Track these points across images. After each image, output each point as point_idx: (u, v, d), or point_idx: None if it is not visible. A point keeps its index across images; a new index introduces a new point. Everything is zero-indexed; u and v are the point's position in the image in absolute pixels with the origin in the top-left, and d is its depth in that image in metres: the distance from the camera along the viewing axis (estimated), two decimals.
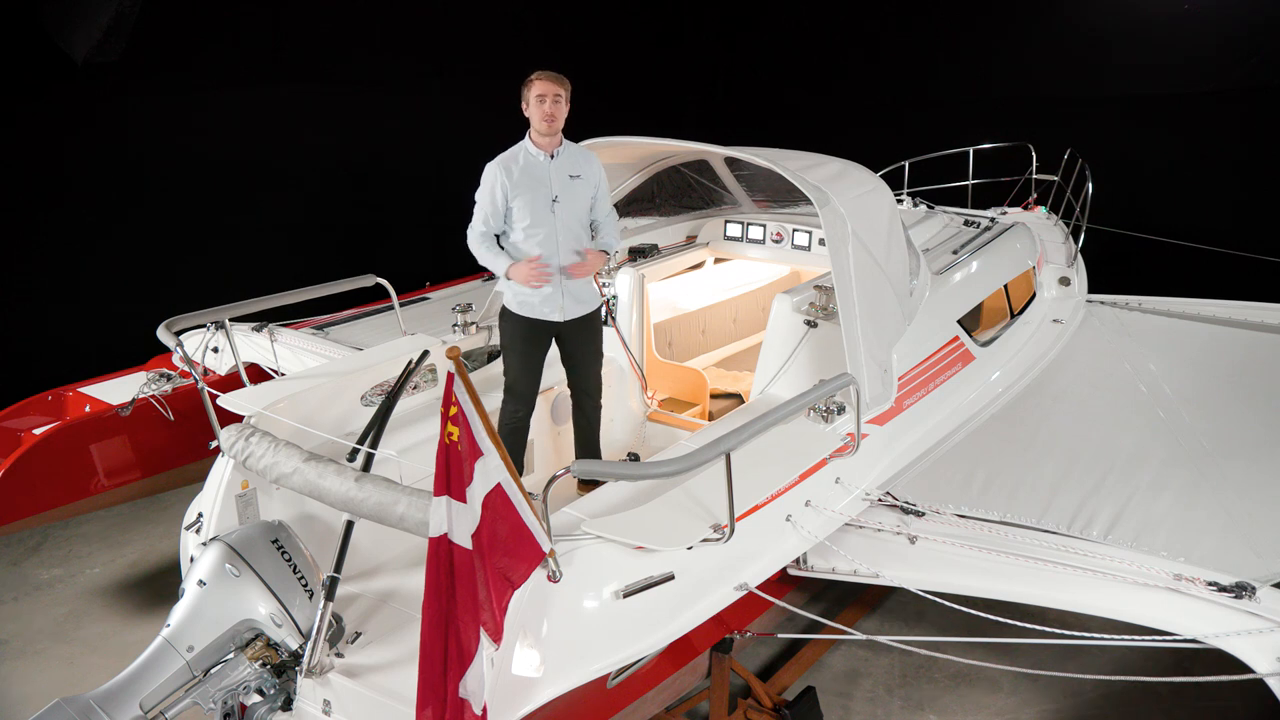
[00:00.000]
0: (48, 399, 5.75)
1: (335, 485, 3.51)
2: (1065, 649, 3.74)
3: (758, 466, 3.85)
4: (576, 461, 3.06)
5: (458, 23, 10.36)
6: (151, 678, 3.10)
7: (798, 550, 3.98)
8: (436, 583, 2.72)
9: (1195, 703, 4.64)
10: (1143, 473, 4.74)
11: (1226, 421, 5.38)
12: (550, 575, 3.06)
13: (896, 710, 4.67)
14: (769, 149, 5.07)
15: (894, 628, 5.19)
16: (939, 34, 11.58)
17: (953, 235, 6.68)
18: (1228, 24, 9.81)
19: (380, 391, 4.61)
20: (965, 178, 8.33)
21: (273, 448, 3.77)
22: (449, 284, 7.41)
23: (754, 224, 6.37)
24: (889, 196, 5.12)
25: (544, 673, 3.08)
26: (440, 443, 2.67)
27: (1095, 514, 4.31)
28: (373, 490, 3.42)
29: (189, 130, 8.47)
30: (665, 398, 5.86)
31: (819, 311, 4.84)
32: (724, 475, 3.36)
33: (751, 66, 13.24)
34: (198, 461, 5.25)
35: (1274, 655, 3.21)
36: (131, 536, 6.31)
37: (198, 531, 3.93)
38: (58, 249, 7.78)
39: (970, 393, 5.51)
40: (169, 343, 4.20)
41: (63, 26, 7.25)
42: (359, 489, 3.44)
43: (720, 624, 3.92)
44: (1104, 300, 7.20)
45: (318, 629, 3.23)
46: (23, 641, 5.25)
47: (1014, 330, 6.26)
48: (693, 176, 6.30)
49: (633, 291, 5.69)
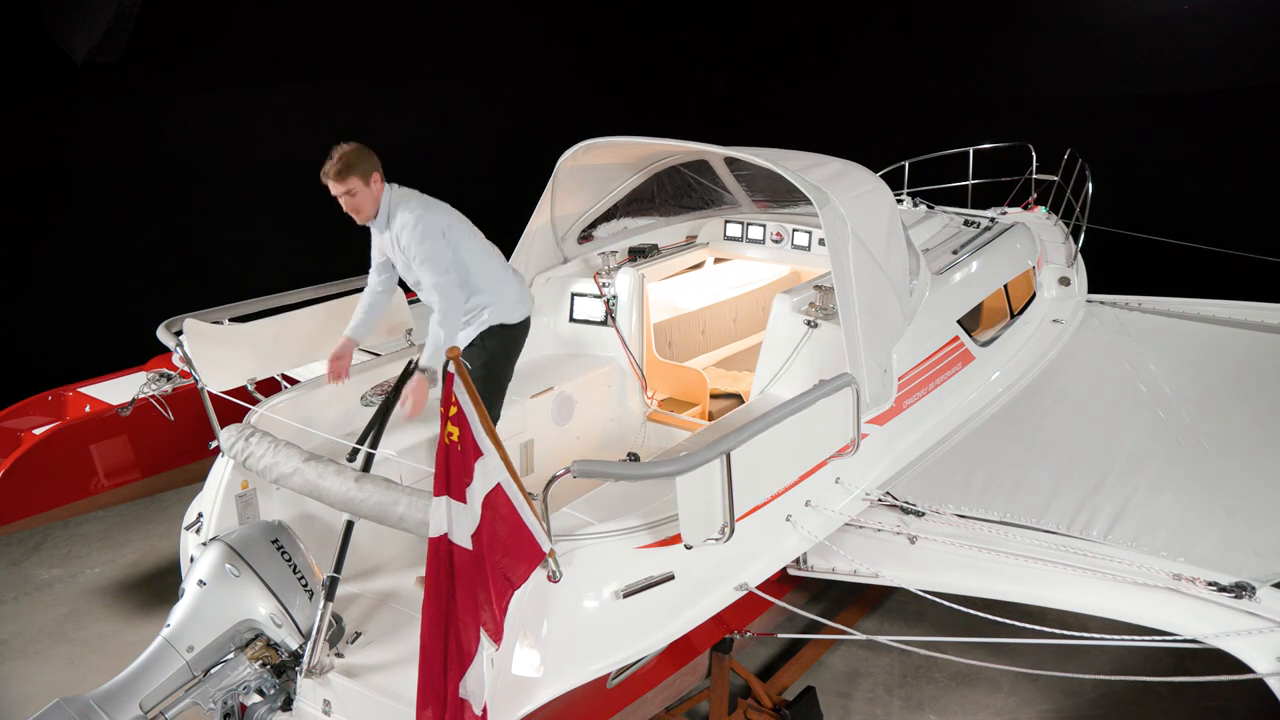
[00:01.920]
0: (48, 399, 5.75)
1: (335, 486, 3.51)
2: (1065, 649, 3.74)
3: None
4: (577, 461, 3.05)
5: (458, 23, 10.36)
6: (151, 678, 3.10)
7: (798, 550, 3.98)
8: (436, 583, 2.72)
9: (1195, 703, 4.64)
10: (1142, 473, 4.74)
11: (1226, 421, 5.38)
12: (550, 575, 3.06)
13: (896, 710, 4.67)
14: (769, 149, 5.06)
15: (894, 628, 5.19)
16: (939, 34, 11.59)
17: (953, 235, 6.68)
18: (1228, 24, 9.81)
19: (380, 391, 4.62)
20: (965, 178, 8.33)
21: (272, 448, 3.77)
22: None
23: (754, 224, 6.37)
24: (889, 196, 5.11)
25: (544, 673, 3.08)
26: (440, 443, 2.67)
27: (1095, 514, 4.30)
28: (372, 490, 3.42)
29: (189, 130, 8.48)
30: (665, 398, 5.86)
31: (819, 311, 4.84)
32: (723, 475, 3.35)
33: (751, 66, 13.25)
34: (198, 461, 5.25)
35: (1274, 655, 3.21)
36: (131, 536, 6.31)
37: (198, 531, 3.93)
38: (58, 249, 7.78)
39: (970, 393, 5.51)
40: (169, 343, 4.20)
41: (63, 26, 7.26)
42: (359, 489, 3.44)
43: (720, 624, 3.92)
44: (1104, 300, 7.20)
45: (318, 629, 3.24)
46: (23, 641, 5.25)
47: (1014, 330, 6.25)
48: (693, 177, 6.29)
49: (633, 291, 5.69)
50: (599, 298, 5.69)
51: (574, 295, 5.74)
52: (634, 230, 6.27)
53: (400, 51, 10.01)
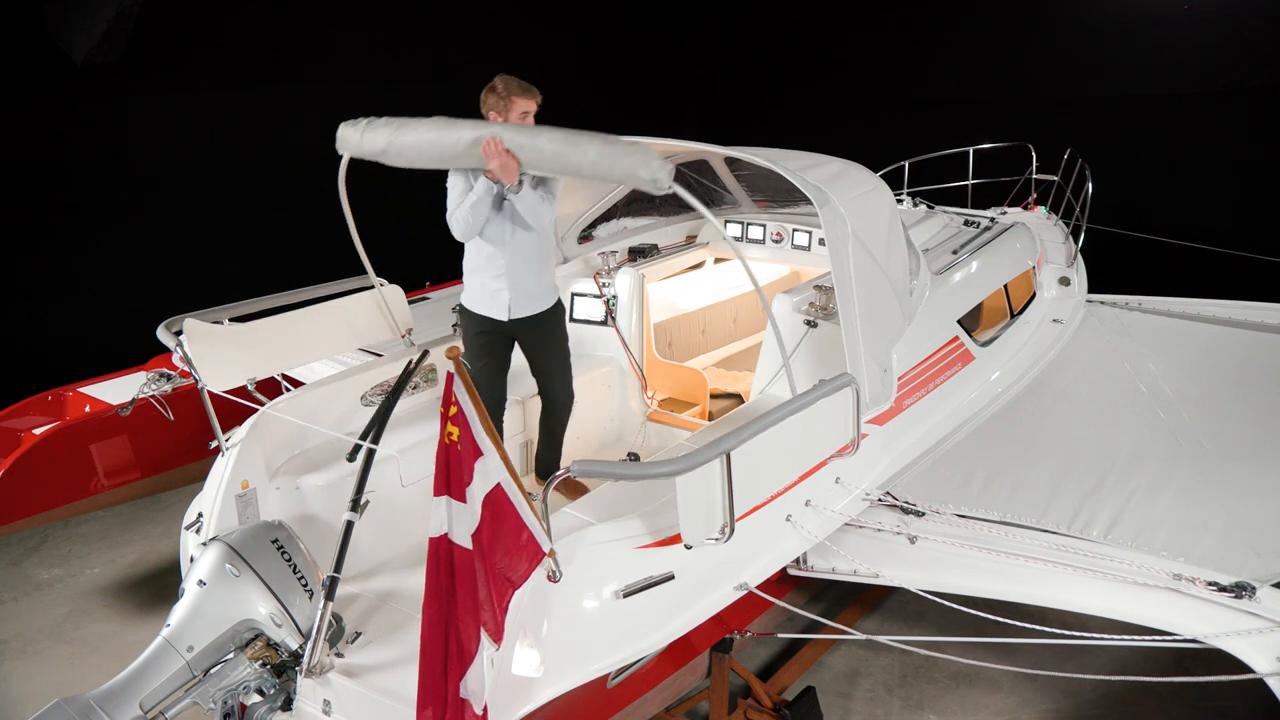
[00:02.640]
0: (48, 399, 5.75)
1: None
2: (1065, 649, 3.74)
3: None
4: (577, 461, 3.05)
5: (458, 22, 10.36)
6: (151, 678, 3.10)
7: (798, 550, 3.98)
8: (436, 583, 2.71)
9: (1195, 703, 4.64)
10: (1142, 473, 4.73)
11: (1226, 421, 5.37)
12: (550, 575, 3.06)
13: (896, 710, 4.67)
14: (769, 149, 5.06)
15: (894, 628, 5.19)
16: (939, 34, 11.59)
17: (953, 235, 6.68)
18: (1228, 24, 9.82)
19: (380, 391, 4.62)
20: (965, 178, 8.33)
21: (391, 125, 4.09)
22: (449, 284, 7.41)
23: (754, 224, 6.37)
24: (889, 196, 5.11)
25: (544, 673, 3.08)
26: (440, 443, 2.67)
27: (1095, 514, 4.30)
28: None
29: (189, 130, 8.47)
30: (665, 398, 5.86)
31: (819, 311, 4.84)
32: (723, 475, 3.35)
33: (751, 66, 13.25)
34: (198, 461, 5.25)
35: (1274, 655, 3.21)
36: (131, 536, 6.31)
37: (198, 531, 3.93)
38: (58, 249, 7.78)
39: (970, 393, 5.51)
40: (169, 343, 4.20)
41: (63, 26, 7.26)
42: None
43: (720, 624, 3.92)
44: (1104, 300, 7.20)
45: (318, 629, 3.23)
46: (23, 641, 5.25)
47: (1014, 330, 6.25)
48: (693, 176, 6.29)
49: (633, 291, 5.69)
50: (599, 298, 5.69)
51: (574, 295, 5.74)
52: (634, 230, 6.27)
53: (400, 51, 10.01)
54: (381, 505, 4.02)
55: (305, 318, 4.67)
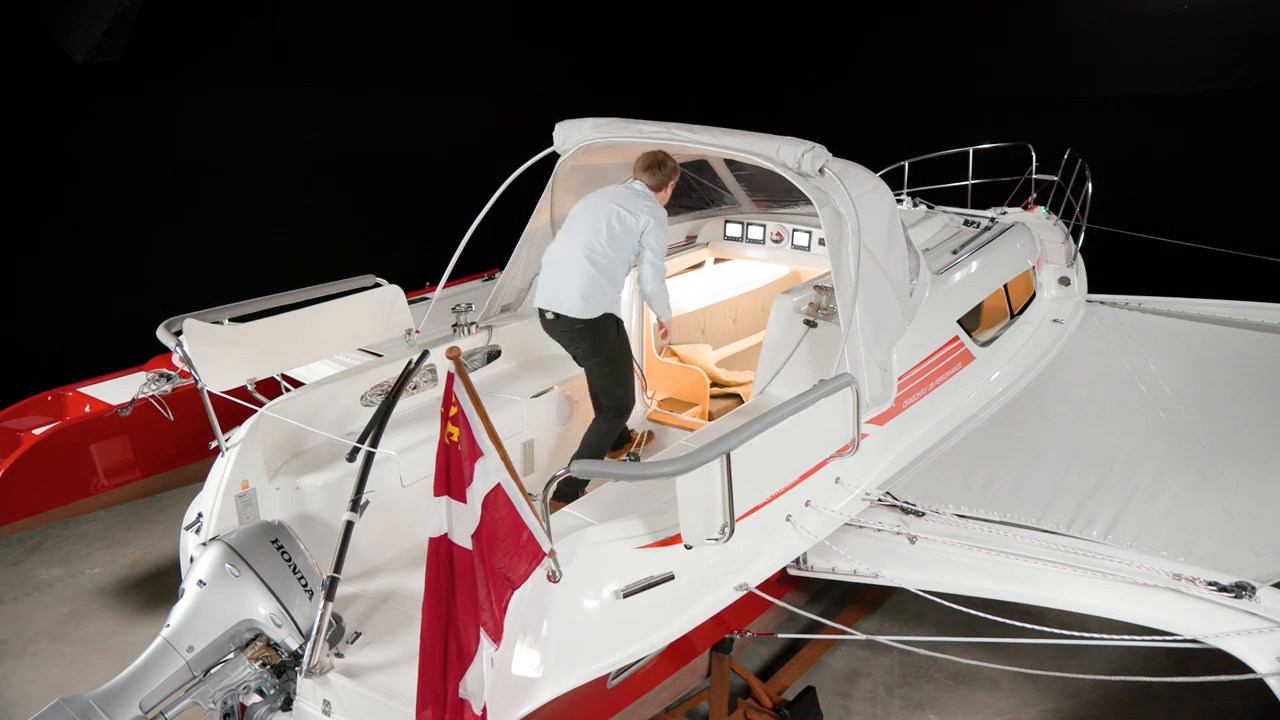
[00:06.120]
0: (48, 399, 5.74)
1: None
2: (1065, 649, 3.75)
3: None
4: (576, 461, 3.05)
5: (458, 23, 10.37)
6: (151, 678, 3.10)
7: (798, 550, 3.98)
8: (436, 583, 2.71)
9: (1195, 703, 4.64)
10: (1143, 473, 4.74)
11: (1227, 421, 5.37)
12: (550, 575, 3.06)
13: (896, 710, 4.67)
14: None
15: (894, 628, 5.19)
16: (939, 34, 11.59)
17: (953, 235, 6.68)
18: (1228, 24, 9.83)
19: (380, 391, 4.62)
20: (965, 178, 8.32)
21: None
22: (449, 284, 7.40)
23: (754, 224, 6.37)
24: (889, 196, 5.11)
25: (544, 673, 3.08)
26: (440, 443, 2.67)
27: (1095, 514, 4.30)
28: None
29: (189, 130, 8.48)
30: (665, 398, 5.86)
31: (819, 311, 4.84)
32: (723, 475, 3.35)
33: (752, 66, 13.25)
34: (198, 461, 5.25)
35: (1274, 655, 3.21)
36: (131, 536, 6.31)
37: (198, 531, 3.92)
38: (58, 249, 7.78)
39: (970, 393, 5.51)
40: (169, 343, 4.20)
41: (63, 26, 7.26)
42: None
43: (720, 624, 3.92)
44: (1104, 300, 7.19)
45: (318, 629, 3.23)
46: (23, 641, 5.25)
47: (1014, 330, 6.25)
48: (693, 176, 6.29)
49: (633, 291, 5.69)
50: None
51: None
52: None
53: (400, 51, 10.01)
54: (381, 505, 4.02)
55: (305, 318, 4.67)
